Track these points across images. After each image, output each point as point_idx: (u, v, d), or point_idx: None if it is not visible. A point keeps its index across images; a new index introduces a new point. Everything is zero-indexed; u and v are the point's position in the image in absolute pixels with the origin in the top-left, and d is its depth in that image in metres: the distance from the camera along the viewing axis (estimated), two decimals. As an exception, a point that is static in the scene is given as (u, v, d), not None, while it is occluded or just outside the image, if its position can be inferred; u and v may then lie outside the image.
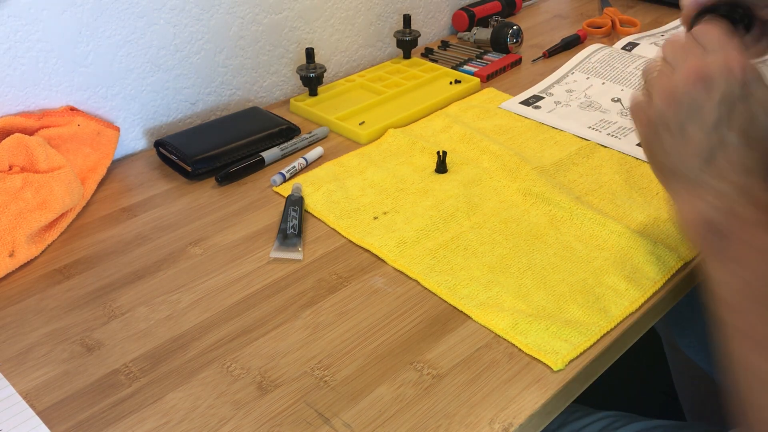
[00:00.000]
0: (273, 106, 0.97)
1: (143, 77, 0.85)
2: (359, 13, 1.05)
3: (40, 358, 0.57)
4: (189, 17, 0.86)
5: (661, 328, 1.01)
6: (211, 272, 0.66)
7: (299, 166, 0.81)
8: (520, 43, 1.09)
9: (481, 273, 0.64)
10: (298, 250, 0.67)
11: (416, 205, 0.73)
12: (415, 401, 0.52)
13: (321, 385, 0.54)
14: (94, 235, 0.71)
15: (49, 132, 0.75)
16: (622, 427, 0.70)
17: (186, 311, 0.61)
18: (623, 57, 1.01)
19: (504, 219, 0.71)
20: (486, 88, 0.99)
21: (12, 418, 0.51)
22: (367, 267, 0.66)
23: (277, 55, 0.97)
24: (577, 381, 0.54)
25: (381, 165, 0.81)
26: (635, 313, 0.60)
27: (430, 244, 0.68)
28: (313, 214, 0.73)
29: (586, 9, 1.27)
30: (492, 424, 0.50)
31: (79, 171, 0.77)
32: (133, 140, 0.87)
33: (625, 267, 0.64)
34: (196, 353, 0.57)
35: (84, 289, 0.64)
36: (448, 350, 0.56)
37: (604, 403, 0.78)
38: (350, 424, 0.50)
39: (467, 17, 1.16)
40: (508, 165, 0.79)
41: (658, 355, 1.12)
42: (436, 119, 0.90)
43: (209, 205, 0.76)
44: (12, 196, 0.66)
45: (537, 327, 0.57)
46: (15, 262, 0.66)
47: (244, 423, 0.51)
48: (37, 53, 0.76)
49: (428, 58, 1.08)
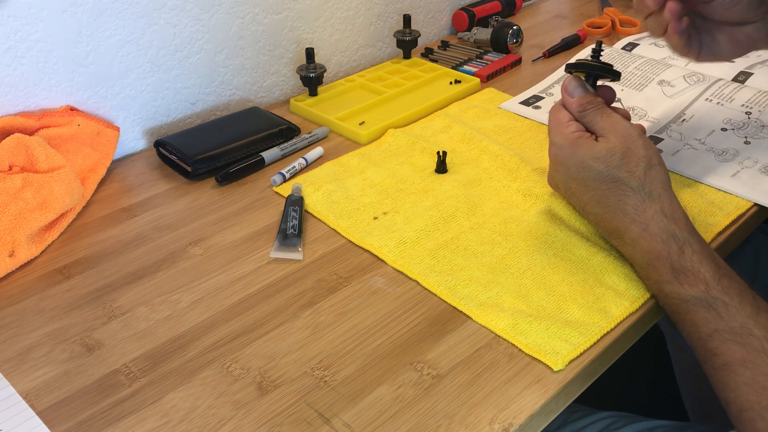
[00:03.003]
0: (273, 106, 0.97)
1: (143, 77, 0.85)
2: (359, 13, 1.05)
3: (40, 358, 0.57)
4: (189, 17, 0.86)
5: (665, 327, 1.01)
6: (211, 272, 0.66)
7: (299, 166, 0.81)
8: (520, 43, 1.09)
9: (481, 273, 0.64)
10: (298, 250, 0.67)
11: (416, 206, 0.73)
12: (415, 401, 0.52)
13: (321, 385, 0.53)
14: (94, 235, 0.71)
15: (49, 132, 0.75)
16: (622, 428, 0.70)
17: (186, 311, 0.61)
18: (623, 57, 1.01)
19: (504, 219, 0.71)
20: (486, 88, 0.99)
21: (12, 418, 0.51)
22: (367, 267, 0.66)
23: (277, 55, 0.97)
24: (577, 381, 0.54)
25: (381, 165, 0.81)
26: (635, 313, 0.60)
27: (430, 244, 0.68)
28: (313, 214, 0.73)
29: (586, 9, 1.27)
30: (492, 425, 0.50)
31: (79, 171, 0.77)
32: (133, 140, 0.87)
33: (625, 267, 0.64)
34: (196, 353, 0.57)
35: (84, 289, 0.64)
36: (448, 350, 0.56)
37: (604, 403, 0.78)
38: (350, 424, 0.50)
39: (467, 17, 1.16)
40: (508, 165, 0.79)
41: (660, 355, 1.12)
42: (436, 119, 0.90)
43: (209, 205, 0.76)
44: (12, 196, 0.66)
45: (537, 327, 0.57)
46: (15, 262, 0.66)
47: (244, 423, 0.51)
48: (37, 53, 0.76)
49: (428, 58, 1.08)
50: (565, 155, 0.63)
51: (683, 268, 0.56)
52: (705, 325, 0.55)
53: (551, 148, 0.65)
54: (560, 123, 0.65)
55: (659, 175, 0.61)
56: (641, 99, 0.91)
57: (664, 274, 0.57)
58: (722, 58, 0.70)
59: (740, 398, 0.52)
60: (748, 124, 0.84)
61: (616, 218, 0.61)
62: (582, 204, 0.64)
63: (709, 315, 0.55)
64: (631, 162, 0.61)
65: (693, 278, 0.56)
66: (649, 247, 0.59)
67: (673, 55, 0.73)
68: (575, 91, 0.65)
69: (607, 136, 0.62)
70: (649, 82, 0.93)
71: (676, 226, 0.58)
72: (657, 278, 0.58)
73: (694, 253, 0.57)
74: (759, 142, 0.80)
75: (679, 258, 0.57)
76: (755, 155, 0.78)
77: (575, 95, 0.65)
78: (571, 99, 0.65)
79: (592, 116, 0.64)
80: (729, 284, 0.56)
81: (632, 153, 0.61)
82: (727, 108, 0.87)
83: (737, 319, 0.54)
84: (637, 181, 0.60)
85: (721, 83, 0.91)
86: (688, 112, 0.87)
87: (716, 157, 0.79)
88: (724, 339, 0.54)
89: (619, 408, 0.75)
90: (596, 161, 0.61)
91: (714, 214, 0.70)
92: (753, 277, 0.90)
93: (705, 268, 0.56)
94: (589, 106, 0.64)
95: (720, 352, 0.54)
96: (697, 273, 0.56)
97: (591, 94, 0.65)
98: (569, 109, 0.65)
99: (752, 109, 0.86)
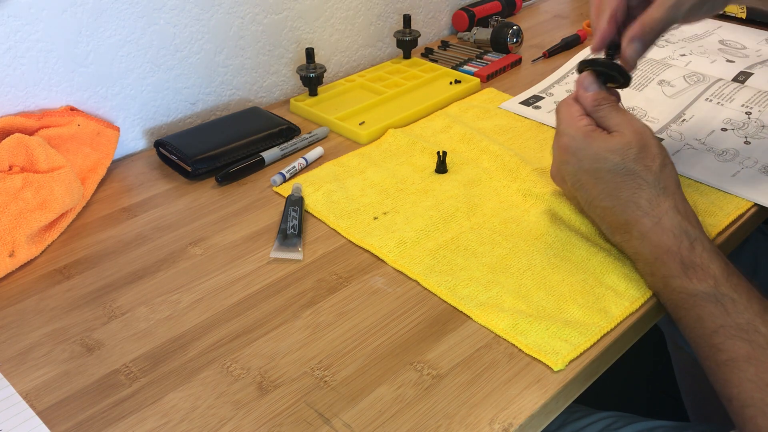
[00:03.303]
0: (273, 106, 0.97)
1: (143, 77, 0.85)
2: (359, 13, 1.05)
3: (40, 358, 0.57)
4: (189, 17, 0.86)
5: (665, 327, 1.01)
6: (211, 272, 0.66)
7: (299, 166, 0.81)
8: (520, 43, 1.09)
9: (481, 273, 0.64)
10: (298, 250, 0.67)
11: (416, 206, 0.73)
12: (415, 401, 0.52)
13: (321, 385, 0.53)
14: (94, 235, 0.71)
15: (49, 132, 0.75)
16: (622, 428, 0.70)
17: (186, 311, 0.61)
18: (623, 57, 1.00)
19: (504, 219, 0.71)
20: (486, 88, 0.99)
21: (12, 418, 0.51)
22: (367, 267, 0.66)
23: (277, 55, 0.97)
24: (577, 381, 0.54)
25: (381, 165, 0.81)
26: (635, 313, 0.60)
27: (430, 244, 0.68)
28: (313, 214, 0.73)
29: (586, 9, 1.27)
30: (492, 425, 0.50)
31: (79, 171, 0.77)
32: (133, 140, 0.87)
33: (625, 267, 0.64)
34: (196, 353, 0.57)
35: (84, 289, 0.64)
36: (448, 350, 0.56)
37: (604, 403, 0.78)
38: (350, 424, 0.50)
39: (467, 17, 1.16)
40: (508, 165, 0.79)
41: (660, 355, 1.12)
42: (436, 119, 0.90)
43: (209, 205, 0.76)
44: (12, 196, 0.66)
45: (537, 327, 0.57)
46: (15, 262, 0.66)
47: (244, 423, 0.51)
48: (37, 53, 0.76)
49: (428, 58, 1.08)
50: (578, 146, 0.63)
51: (693, 264, 0.57)
52: (711, 320, 0.55)
53: (563, 138, 0.65)
54: (573, 116, 0.65)
55: (673, 174, 0.62)
56: (641, 99, 0.91)
57: (672, 269, 0.57)
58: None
59: (743, 394, 0.53)
60: (748, 124, 0.84)
61: (627, 211, 0.61)
62: (590, 197, 0.64)
63: (716, 310, 0.55)
64: (648, 157, 0.61)
65: (702, 273, 0.56)
66: (659, 241, 0.59)
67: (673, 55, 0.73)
68: (591, 86, 0.65)
69: (622, 131, 0.62)
70: (649, 82, 0.94)
71: (689, 223, 0.59)
72: (664, 273, 0.58)
73: (705, 250, 0.57)
74: (759, 142, 0.80)
75: (690, 253, 0.57)
76: (755, 155, 0.78)
77: (590, 90, 0.65)
78: (586, 94, 0.65)
79: (607, 112, 0.64)
80: (738, 282, 0.56)
81: (648, 149, 0.61)
82: (727, 108, 0.87)
83: (744, 316, 0.54)
84: (653, 176, 0.60)
85: (721, 83, 0.91)
86: (688, 112, 0.87)
87: (716, 157, 0.79)
88: (729, 335, 0.54)
89: (619, 408, 0.75)
90: (612, 153, 0.61)
91: (714, 214, 0.70)
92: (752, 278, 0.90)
93: (715, 265, 0.56)
94: (604, 102, 0.64)
95: (724, 348, 0.54)
96: (706, 269, 0.56)
97: (605, 92, 0.65)
98: (583, 104, 0.65)
99: (752, 109, 0.86)
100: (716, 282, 0.56)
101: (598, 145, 0.62)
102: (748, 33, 1.11)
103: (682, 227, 0.58)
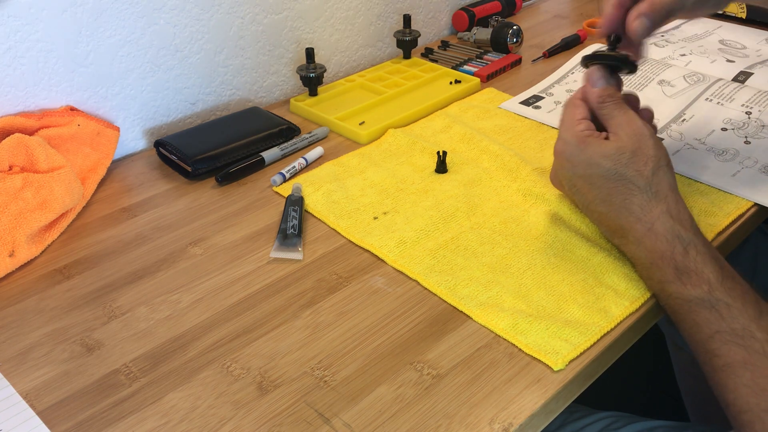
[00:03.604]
0: (273, 106, 0.97)
1: (143, 77, 0.85)
2: (359, 13, 1.05)
3: (40, 358, 0.57)
4: (189, 17, 0.86)
5: (665, 327, 1.01)
6: (211, 272, 0.66)
7: (299, 166, 0.81)
8: (520, 43, 1.09)
9: (481, 273, 0.64)
10: (298, 250, 0.67)
11: (416, 205, 0.73)
12: (415, 401, 0.52)
13: (321, 385, 0.53)
14: (94, 235, 0.71)
15: (49, 132, 0.75)
16: (622, 428, 0.70)
17: (186, 311, 0.61)
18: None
19: (504, 219, 0.71)
20: (486, 88, 0.99)
21: (12, 418, 0.51)
22: (367, 267, 0.66)
23: (277, 55, 0.97)
24: (577, 381, 0.54)
25: (381, 165, 0.81)
26: (635, 313, 0.60)
27: (430, 244, 0.68)
28: (313, 214, 0.73)
29: (586, 9, 1.27)
30: (492, 424, 0.50)
31: (79, 171, 0.77)
32: (133, 140, 0.87)
33: (625, 267, 0.64)
34: (196, 353, 0.57)
35: (84, 289, 0.64)
36: (448, 350, 0.56)
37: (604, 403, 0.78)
38: (350, 424, 0.50)
39: (467, 17, 1.16)
40: (508, 165, 0.79)
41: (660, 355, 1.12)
42: (436, 119, 0.90)
43: (209, 205, 0.76)
44: (12, 196, 0.66)
45: (537, 327, 0.57)
46: (15, 262, 0.66)
47: (244, 423, 0.51)
48: (37, 53, 0.76)
49: (428, 58, 1.08)
50: (571, 152, 0.63)
51: (687, 269, 0.56)
52: (706, 326, 0.55)
53: (558, 143, 0.65)
54: (572, 120, 0.65)
55: (667, 176, 0.61)
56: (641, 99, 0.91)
57: (667, 274, 0.57)
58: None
59: (740, 400, 0.52)
60: (748, 124, 0.84)
61: (620, 216, 0.61)
62: (586, 202, 0.64)
63: (711, 316, 0.55)
64: (640, 161, 0.61)
65: (696, 279, 0.56)
66: (653, 247, 0.59)
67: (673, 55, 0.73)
68: (598, 81, 0.65)
69: (619, 134, 0.62)
70: (649, 82, 0.93)
71: (682, 227, 0.59)
72: (660, 278, 0.58)
73: (698, 254, 0.57)
74: (759, 142, 0.80)
75: (683, 258, 0.57)
76: (755, 155, 0.78)
77: (597, 86, 0.65)
78: (593, 89, 0.65)
79: (610, 109, 0.64)
80: (732, 286, 0.56)
81: (642, 152, 0.61)
82: (727, 108, 0.87)
83: (739, 321, 0.54)
84: (644, 181, 0.60)
85: (721, 83, 0.91)
86: (688, 112, 0.87)
87: (716, 157, 0.79)
88: (725, 340, 0.54)
89: (619, 408, 0.75)
90: (604, 159, 0.61)
91: (714, 214, 0.70)
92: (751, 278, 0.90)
93: (709, 270, 0.56)
94: (609, 99, 0.64)
95: (721, 354, 0.54)
96: (700, 274, 0.56)
97: (612, 87, 0.65)
98: (588, 99, 0.65)
99: (752, 109, 0.86)
100: (710, 287, 0.55)
101: (592, 150, 0.62)
102: (748, 33, 1.11)
103: (674, 232, 0.58)
